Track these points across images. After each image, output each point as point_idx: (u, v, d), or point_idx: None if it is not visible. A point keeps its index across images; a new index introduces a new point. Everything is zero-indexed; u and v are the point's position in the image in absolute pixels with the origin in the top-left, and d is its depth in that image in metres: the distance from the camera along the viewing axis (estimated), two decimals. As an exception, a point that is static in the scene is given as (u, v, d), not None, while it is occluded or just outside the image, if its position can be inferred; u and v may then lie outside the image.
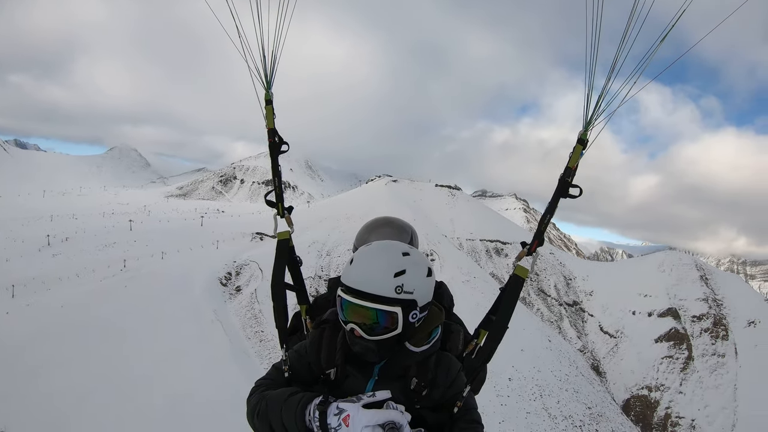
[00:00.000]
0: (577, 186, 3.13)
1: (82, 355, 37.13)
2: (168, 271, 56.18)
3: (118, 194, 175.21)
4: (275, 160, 3.67)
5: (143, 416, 31.67)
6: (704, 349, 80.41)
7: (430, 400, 2.63)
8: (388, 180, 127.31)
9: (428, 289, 2.62)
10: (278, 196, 3.75)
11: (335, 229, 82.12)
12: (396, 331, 2.48)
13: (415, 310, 2.52)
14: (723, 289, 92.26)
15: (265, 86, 3.58)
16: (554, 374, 53.54)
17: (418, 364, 2.64)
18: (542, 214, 3.32)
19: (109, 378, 34.99)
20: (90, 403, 32.27)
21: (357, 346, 2.53)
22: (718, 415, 71.22)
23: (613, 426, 52.32)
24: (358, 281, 2.45)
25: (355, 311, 2.47)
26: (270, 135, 3.62)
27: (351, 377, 2.62)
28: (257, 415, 2.49)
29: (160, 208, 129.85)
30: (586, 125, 3.09)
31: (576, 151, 3.12)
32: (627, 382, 75.78)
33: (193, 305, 48.92)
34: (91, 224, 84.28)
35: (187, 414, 32.44)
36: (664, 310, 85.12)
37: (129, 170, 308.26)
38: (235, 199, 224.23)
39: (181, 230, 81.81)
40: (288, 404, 2.39)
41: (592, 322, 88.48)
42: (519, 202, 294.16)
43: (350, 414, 2.21)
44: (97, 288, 49.35)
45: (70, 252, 64.96)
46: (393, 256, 2.54)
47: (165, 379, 36.06)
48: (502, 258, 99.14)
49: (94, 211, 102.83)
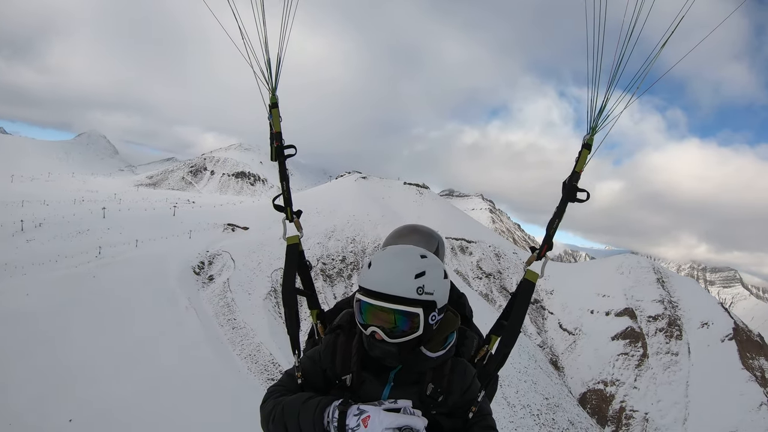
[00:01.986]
0: (585, 190, 3.23)
1: (63, 336, 37.91)
2: (143, 259, 56.65)
3: (86, 181, 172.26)
4: (283, 165, 3.66)
5: (128, 392, 32.70)
6: (659, 348, 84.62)
7: (446, 406, 2.67)
8: (358, 176, 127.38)
9: (445, 291, 2.67)
10: (287, 200, 3.72)
11: (305, 223, 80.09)
12: (417, 333, 2.51)
13: (434, 311, 2.56)
14: (679, 292, 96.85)
15: (270, 90, 3.58)
16: (514, 366, 56.09)
17: (433, 369, 2.67)
18: (551, 218, 3.40)
19: (93, 358, 35.92)
20: (76, 380, 33.20)
21: (377, 350, 2.54)
22: (671, 409, 75.39)
23: (569, 416, 55.24)
24: (379, 284, 2.46)
25: (376, 314, 2.49)
26: (276, 138, 3.62)
27: (367, 383, 2.65)
28: (272, 421, 2.51)
29: (131, 196, 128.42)
30: (592, 130, 3.20)
31: (583, 155, 3.22)
32: (584, 376, 79.30)
33: (168, 292, 49.70)
34: (63, 211, 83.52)
35: (168, 390, 33.68)
36: (621, 310, 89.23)
37: (97, 157, 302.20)
38: (205, 190, 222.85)
39: (153, 219, 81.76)
40: (306, 407, 2.43)
41: (552, 320, 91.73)
42: (485, 203, 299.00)
43: (371, 415, 2.26)
44: (73, 273, 49.67)
45: (44, 238, 64.87)
46: (412, 258, 2.57)
47: (146, 360, 37.15)
48: (467, 256, 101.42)
49: (65, 198, 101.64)
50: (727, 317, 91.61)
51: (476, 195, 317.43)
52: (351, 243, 78.37)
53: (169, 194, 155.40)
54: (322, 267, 70.93)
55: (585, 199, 3.23)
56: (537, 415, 51.23)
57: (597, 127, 3.19)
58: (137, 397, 32.68)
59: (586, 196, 3.22)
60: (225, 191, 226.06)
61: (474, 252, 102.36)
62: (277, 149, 3.61)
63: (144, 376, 35.13)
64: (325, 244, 75.90)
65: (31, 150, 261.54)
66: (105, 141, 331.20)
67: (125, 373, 34.99)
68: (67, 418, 29.91)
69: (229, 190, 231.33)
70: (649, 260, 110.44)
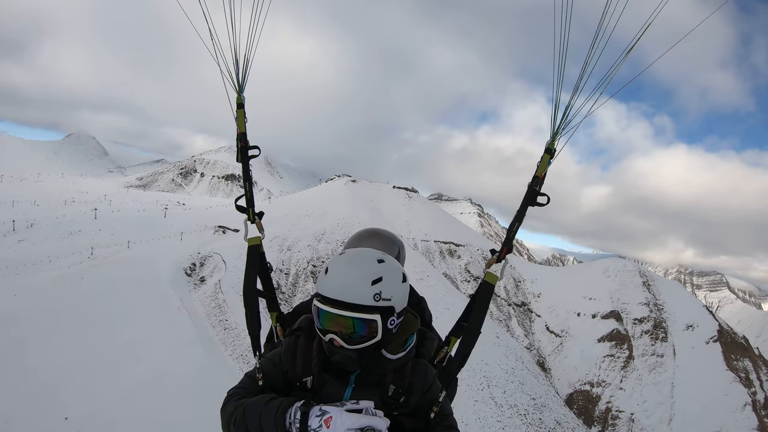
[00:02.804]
0: (545, 194, 3.22)
1: (59, 336, 38.26)
2: (135, 260, 57.09)
3: (76, 182, 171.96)
4: (246, 165, 3.64)
5: (122, 390, 33.05)
6: (644, 350, 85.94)
7: (407, 407, 2.69)
8: (348, 180, 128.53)
9: (404, 295, 2.67)
10: (249, 201, 3.70)
11: (295, 225, 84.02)
12: (376, 338, 2.51)
13: (393, 316, 2.56)
14: (664, 294, 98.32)
15: (236, 90, 3.54)
16: (501, 367, 56.90)
17: (394, 371, 2.67)
18: (511, 221, 3.40)
19: (88, 357, 36.30)
20: (70, 379, 33.59)
21: (337, 355, 2.54)
22: (656, 409, 76.76)
23: (556, 416, 56.04)
24: (335, 291, 2.45)
25: (334, 320, 2.48)
26: (240, 139, 3.60)
27: (328, 385, 2.65)
28: (234, 423, 2.50)
29: (121, 198, 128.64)
30: (553, 136, 3.18)
31: (544, 160, 3.21)
32: (570, 378, 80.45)
33: (161, 293, 50.14)
34: (54, 212, 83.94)
35: (161, 388, 33.99)
36: (607, 313, 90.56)
37: (86, 158, 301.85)
38: (195, 192, 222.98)
39: (144, 221, 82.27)
40: (268, 409, 2.42)
41: (539, 322, 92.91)
42: (474, 207, 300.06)
43: (333, 416, 2.27)
44: (66, 273, 50.07)
45: (36, 238, 65.27)
46: (369, 263, 2.55)
47: (139, 358, 37.53)
48: (455, 259, 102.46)
49: (55, 199, 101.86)
50: (712, 319, 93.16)
51: (465, 199, 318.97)
52: (341, 246, 77.40)
53: (159, 196, 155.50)
54: (312, 269, 71.51)
55: (545, 203, 3.24)
56: (524, 415, 52.04)
57: (559, 132, 3.18)
58: (131, 395, 33.01)
59: (547, 200, 3.22)
60: (215, 194, 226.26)
61: (462, 255, 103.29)
62: (241, 150, 3.59)
63: (138, 375, 35.49)
64: (315, 246, 76.54)
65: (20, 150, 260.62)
66: (94, 142, 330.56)
67: (119, 372, 35.35)
68: (62, 417, 30.19)
69: (219, 193, 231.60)
70: (635, 264, 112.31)
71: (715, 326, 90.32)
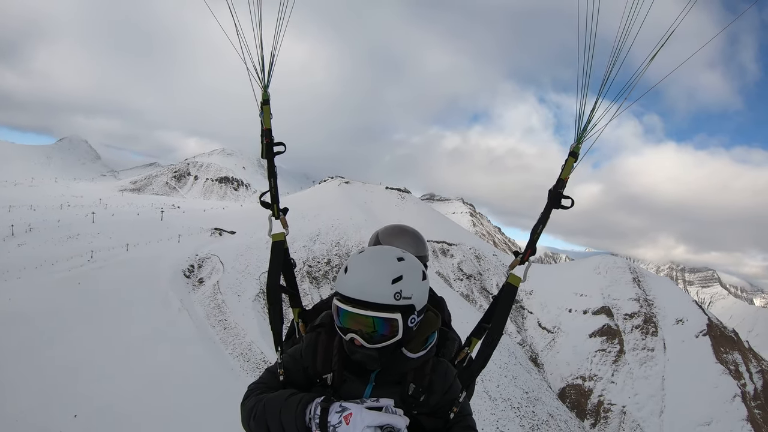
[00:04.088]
0: (569, 197, 3.24)
1: (66, 336, 39.22)
2: (135, 263, 58.11)
3: (69, 186, 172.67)
4: (271, 161, 3.65)
5: (128, 387, 34.02)
6: (635, 344, 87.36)
7: (427, 406, 2.66)
8: (341, 181, 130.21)
9: (424, 293, 2.63)
10: (274, 197, 3.73)
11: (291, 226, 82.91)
12: (396, 337, 2.47)
13: (414, 314, 2.52)
14: (654, 290, 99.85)
15: (262, 86, 3.56)
16: (494, 362, 57.89)
17: (415, 369, 2.64)
18: (535, 224, 3.40)
19: (94, 355, 37.28)
20: (77, 377, 34.48)
21: (357, 354, 2.52)
22: (647, 402, 78.12)
23: (548, 409, 57.49)
24: (355, 290, 2.43)
25: (354, 319, 2.46)
26: (266, 135, 3.61)
27: (348, 382, 2.63)
28: (254, 418, 2.50)
29: (116, 202, 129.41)
30: (578, 139, 3.20)
31: (568, 163, 3.24)
32: (563, 372, 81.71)
33: (161, 294, 51.21)
34: (51, 216, 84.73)
35: (166, 385, 35.10)
36: (598, 309, 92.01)
37: (79, 162, 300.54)
38: (189, 195, 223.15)
39: (141, 224, 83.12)
40: (288, 404, 2.42)
41: (531, 319, 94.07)
42: (466, 206, 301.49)
43: (353, 413, 2.26)
44: (68, 276, 50.99)
45: (35, 242, 66.02)
46: (389, 262, 2.52)
47: (144, 357, 38.59)
48: (448, 258, 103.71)
49: (52, 203, 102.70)
50: (701, 314, 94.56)
51: (457, 199, 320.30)
52: (335, 246, 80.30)
53: (154, 199, 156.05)
54: (308, 269, 72.61)
55: (570, 206, 3.28)
56: (518, 408, 53.37)
57: (583, 137, 3.22)
58: (137, 392, 33.97)
59: (571, 203, 3.26)
60: (209, 196, 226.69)
61: (455, 254, 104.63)
62: (267, 146, 3.62)
63: (142, 372, 36.50)
64: (310, 247, 77.76)
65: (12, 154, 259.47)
66: (86, 145, 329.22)
67: (124, 370, 36.34)
68: (71, 414, 31.00)
69: (213, 195, 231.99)
70: (625, 260, 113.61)
71: (705, 320, 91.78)
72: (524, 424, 52.23)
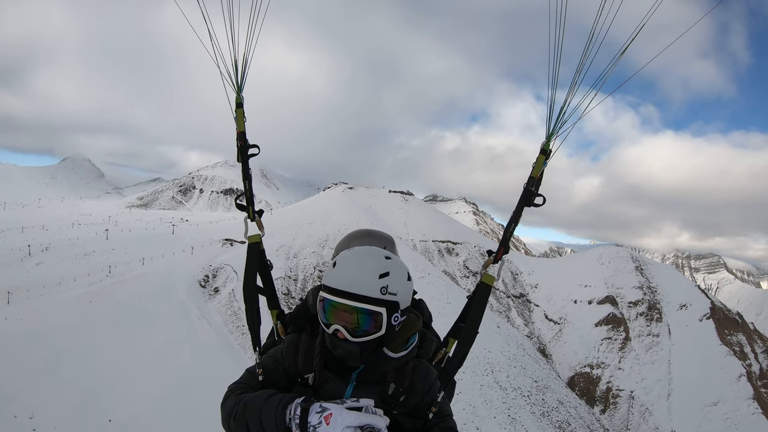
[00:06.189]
0: (541, 195, 3.20)
1: (92, 348, 40.84)
2: (152, 276, 60.09)
3: (77, 205, 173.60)
4: (245, 164, 3.59)
5: (157, 393, 35.72)
6: (640, 331, 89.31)
7: (407, 406, 2.69)
8: (345, 187, 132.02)
9: (408, 293, 2.67)
10: (249, 199, 3.70)
11: (299, 233, 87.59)
12: (379, 332, 2.50)
13: (397, 312, 2.56)
14: (657, 277, 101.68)
15: (235, 89, 3.51)
16: (503, 354, 60.02)
17: (395, 370, 2.68)
18: (507, 222, 3.38)
19: (122, 365, 38.91)
20: (107, 386, 36.11)
21: (340, 349, 2.53)
22: (655, 386, 79.90)
23: (558, 397, 59.13)
24: (343, 282, 2.47)
25: (339, 313, 2.48)
26: (240, 138, 3.55)
27: (329, 382, 2.65)
28: (234, 418, 2.50)
29: (125, 218, 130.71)
30: (548, 136, 3.13)
31: (539, 161, 3.17)
32: (571, 361, 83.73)
33: (180, 304, 53.10)
34: (64, 234, 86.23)
35: (192, 390, 36.65)
36: (602, 298, 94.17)
37: (83, 181, 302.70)
38: (196, 209, 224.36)
39: (154, 238, 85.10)
40: (268, 404, 2.42)
41: (537, 312, 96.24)
42: (468, 206, 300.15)
43: (333, 413, 2.25)
44: (89, 291, 52.65)
45: (52, 261, 67.75)
46: (377, 258, 2.58)
47: (169, 365, 40.31)
48: (453, 257, 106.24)
49: (63, 222, 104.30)
50: (704, 298, 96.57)
51: (459, 198, 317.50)
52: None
53: (162, 214, 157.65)
54: (319, 274, 74.44)
55: (541, 204, 3.22)
56: (528, 396, 54.98)
57: (554, 133, 3.14)
58: (166, 396, 35.68)
59: (542, 201, 3.20)
60: (215, 208, 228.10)
61: (460, 253, 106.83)
62: (241, 149, 3.54)
63: (169, 378, 38.21)
64: (319, 252, 79.99)
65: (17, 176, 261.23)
66: (90, 164, 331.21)
67: (152, 377, 38.03)
68: (106, 419, 32.66)
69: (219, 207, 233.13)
70: (627, 249, 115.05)
71: (708, 304, 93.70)
72: (535, 411, 53.68)
